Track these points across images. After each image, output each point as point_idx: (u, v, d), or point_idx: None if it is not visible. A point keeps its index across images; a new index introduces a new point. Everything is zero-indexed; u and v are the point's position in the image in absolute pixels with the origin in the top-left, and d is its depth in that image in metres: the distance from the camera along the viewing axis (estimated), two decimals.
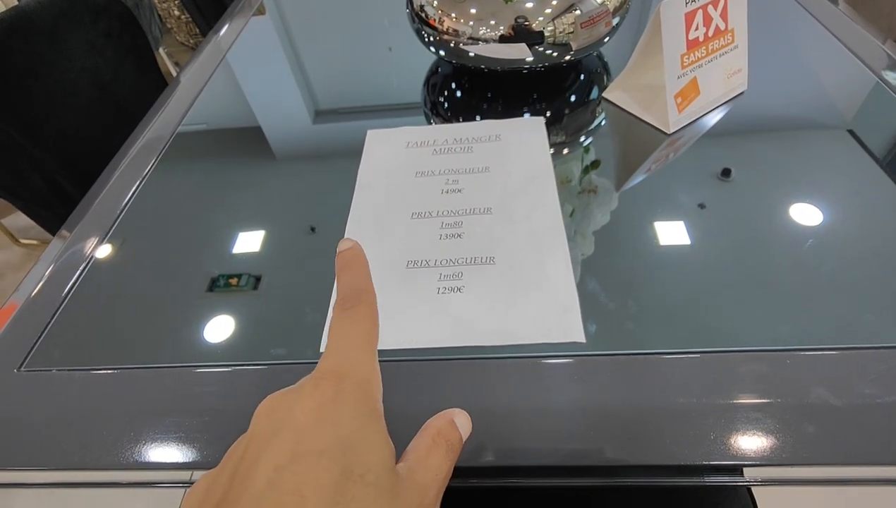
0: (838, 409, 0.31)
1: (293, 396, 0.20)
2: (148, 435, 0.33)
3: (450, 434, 0.21)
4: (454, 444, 0.21)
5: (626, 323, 0.36)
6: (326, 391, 0.19)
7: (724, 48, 0.49)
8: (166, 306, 0.41)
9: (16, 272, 1.48)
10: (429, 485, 0.19)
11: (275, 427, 0.19)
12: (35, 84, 0.73)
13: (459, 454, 0.22)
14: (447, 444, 0.21)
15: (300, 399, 0.19)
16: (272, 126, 0.61)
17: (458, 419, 0.23)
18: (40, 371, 0.37)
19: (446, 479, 0.20)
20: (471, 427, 0.23)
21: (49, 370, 0.37)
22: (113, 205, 0.50)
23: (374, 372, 0.21)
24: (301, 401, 0.19)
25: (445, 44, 0.55)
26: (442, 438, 0.21)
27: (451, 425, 0.22)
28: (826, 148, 0.49)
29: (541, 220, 0.42)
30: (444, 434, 0.21)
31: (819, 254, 0.39)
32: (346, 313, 0.22)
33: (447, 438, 0.21)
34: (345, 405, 0.19)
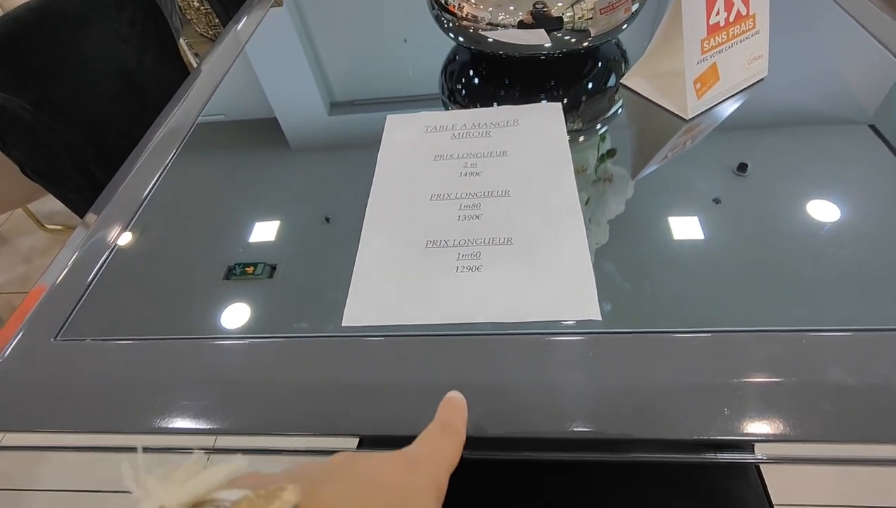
0: (854, 388, 0.31)
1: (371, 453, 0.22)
2: (174, 402, 0.35)
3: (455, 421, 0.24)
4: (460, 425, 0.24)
5: (642, 304, 0.36)
6: (403, 462, 0.22)
7: (744, 33, 0.49)
8: (188, 290, 0.42)
9: (42, 256, 1.52)
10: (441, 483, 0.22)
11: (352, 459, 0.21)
12: (65, 72, 0.75)
13: None
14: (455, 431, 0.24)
15: (378, 455, 0.22)
16: (288, 117, 0.62)
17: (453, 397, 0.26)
18: (75, 340, 0.39)
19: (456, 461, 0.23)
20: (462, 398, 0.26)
21: (83, 339, 0.39)
22: (136, 194, 0.51)
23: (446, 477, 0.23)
24: (379, 457, 0.21)
25: (464, 30, 0.55)
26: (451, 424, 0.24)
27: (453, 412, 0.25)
28: (845, 142, 0.48)
29: (557, 202, 0.43)
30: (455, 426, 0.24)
31: (836, 241, 0.39)
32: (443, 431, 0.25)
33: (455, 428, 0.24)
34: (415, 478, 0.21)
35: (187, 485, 0.15)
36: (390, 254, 0.41)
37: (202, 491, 0.15)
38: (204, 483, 0.15)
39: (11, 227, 1.62)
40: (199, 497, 0.15)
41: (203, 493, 0.15)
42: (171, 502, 0.15)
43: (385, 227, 0.43)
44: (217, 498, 0.15)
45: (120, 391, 0.36)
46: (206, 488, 0.15)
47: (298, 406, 0.34)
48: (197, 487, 0.15)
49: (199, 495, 0.15)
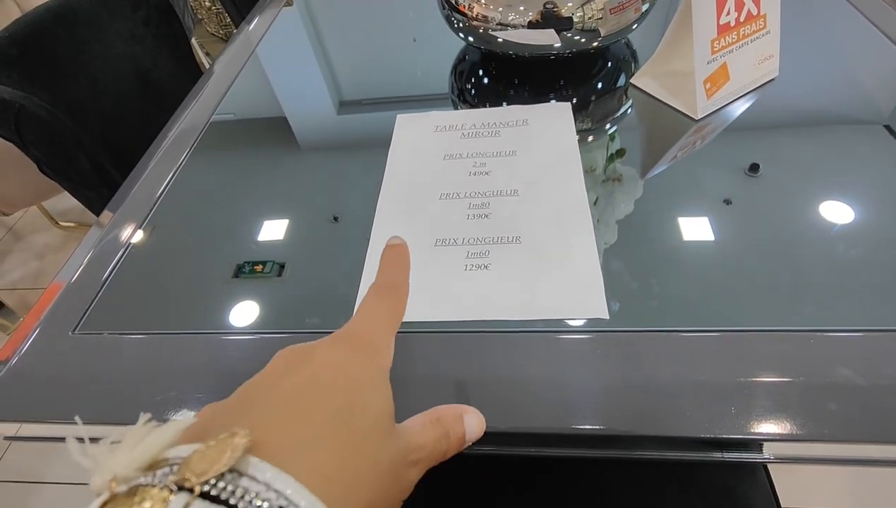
0: (862, 388, 0.31)
1: (311, 346, 0.21)
2: (189, 395, 0.36)
3: (453, 425, 0.22)
4: (454, 436, 0.22)
5: (650, 302, 0.37)
6: (343, 347, 0.21)
7: (755, 33, 0.49)
8: (200, 288, 0.43)
9: (55, 253, 1.55)
10: (414, 449, 0.20)
11: (292, 366, 0.20)
12: (81, 71, 0.76)
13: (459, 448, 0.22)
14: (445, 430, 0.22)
15: (318, 348, 0.21)
16: (298, 117, 0.63)
17: (469, 417, 0.23)
18: (93, 334, 0.40)
19: (434, 459, 0.21)
20: (482, 430, 0.23)
21: (100, 333, 0.40)
22: (150, 193, 0.52)
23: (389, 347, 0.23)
24: (319, 350, 0.21)
25: (474, 30, 0.56)
26: (442, 424, 0.22)
27: (457, 419, 0.23)
28: (858, 142, 0.47)
29: (566, 201, 0.43)
30: (445, 422, 0.22)
31: (847, 242, 0.39)
32: (378, 295, 0.25)
33: (448, 426, 0.22)
34: (357, 360, 0.21)
35: (137, 449, 0.15)
36: None
37: (153, 453, 0.15)
38: (154, 445, 0.15)
39: (26, 224, 1.65)
40: (150, 459, 0.15)
41: (155, 454, 0.15)
42: (122, 469, 0.14)
43: (395, 225, 0.44)
44: (169, 458, 0.15)
45: (136, 383, 0.37)
46: (157, 449, 0.15)
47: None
48: (147, 450, 0.15)
49: (150, 457, 0.15)
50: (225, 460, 0.14)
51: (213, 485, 0.14)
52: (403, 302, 0.25)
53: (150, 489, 0.14)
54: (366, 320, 0.23)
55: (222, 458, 0.14)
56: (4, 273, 1.52)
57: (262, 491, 0.14)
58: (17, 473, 1.09)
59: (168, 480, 0.14)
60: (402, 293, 0.25)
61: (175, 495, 0.14)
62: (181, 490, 0.14)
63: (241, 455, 0.15)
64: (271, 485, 0.14)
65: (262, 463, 0.15)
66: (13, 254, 1.57)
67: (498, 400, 0.33)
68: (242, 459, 0.15)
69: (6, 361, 0.39)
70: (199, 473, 0.14)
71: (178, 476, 0.14)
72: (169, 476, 0.14)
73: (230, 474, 0.14)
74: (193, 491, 0.14)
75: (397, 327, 0.24)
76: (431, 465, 0.21)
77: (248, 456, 0.15)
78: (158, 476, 0.14)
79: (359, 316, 0.24)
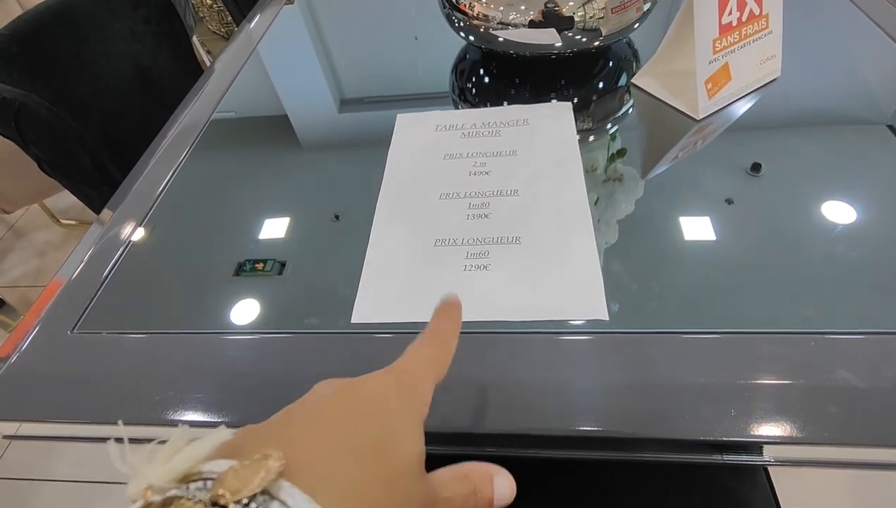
0: (863, 391, 0.31)
1: (355, 379, 0.21)
2: (187, 395, 0.36)
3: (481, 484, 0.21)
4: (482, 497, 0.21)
5: (650, 304, 0.36)
6: (389, 380, 0.21)
7: (757, 33, 0.49)
8: (200, 286, 0.43)
9: (56, 250, 1.55)
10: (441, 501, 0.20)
11: (335, 393, 0.20)
12: (81, 69, 0.76)
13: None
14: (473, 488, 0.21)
15: (361, 381, 0.21)
16: (299, 115, 0.62)
17: (499, 479, 0.22)
18: (91, 333, 0.40)
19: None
20: (512, 495, 0.22)
21: (99, 332, 0.40)
22: (150, 191, 0.52)
23: (429, 394, 0.23)
24: (361, 382, 0.21)
25: (475, 29, 0.55)
26: (471, 481, 0.21)
27: (487, 479, 0.22)
28: (860, 143, 0.47)
29: (566, 202, 0.43)
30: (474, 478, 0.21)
31: (848, 243, 0.39)
32: (427, 342, 0.25)
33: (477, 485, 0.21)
34: (400, 396, 0.21)
35: (173, 461, 0.15)
36: (399, 252, 0.41)
37: (188, 465, 0.15)
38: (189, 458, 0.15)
39: (27, 222, 1.65)
40: (185, 471, 0.15)
41: (189, 467, 0.15)
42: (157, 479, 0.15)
43: (394, 226, 0.44)
44: (203, 471, 0.15)
45: (134, 383, 0.37)
46: (191, 462, 0.15)
47: None
48: (183, 462, 0.15)
49: (185, 469, 0.15)
50: (258, 481, 0.14)
51: (245, 505, 0.14)
52: (449, 354, 0.25)
53: (185, 501, 0.14)
54: (412, 361, 0.23)
55: (255, 479, 0.14)
56: (5, 270, 1.52)
57: None
58: (18, 471, 1.09)
59: (202, 495, 0.14)
60: (450, 345, 0.25)
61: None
62: (214, 507, 0.14)
63: (275, 478, 0.15)
64: None
65: (293, 489, 0.15)
66: (14, 251, 1.57)
67: (497, 402, 0.33)
68: (275, 482, 0.15)
69: (6, 359, 0.39)
70: (233, 491, 0.14)
71: (213, 493, 0.14)
72: (202, 492, 0.14)
73: (262, 496, 0.14)
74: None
75: (440, 377, 0.24)
76: None
77: (281, 480, 0.15)
78: (192, 489, 0.15)
79: (406, 357, 0.24)
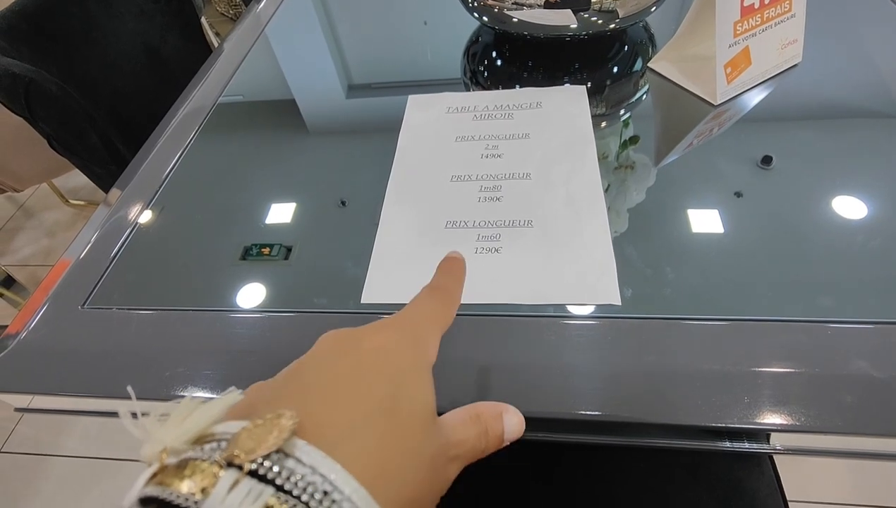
0: (878, 381, 0.30)
1: (358, 330, 0.21)
2: (196, 371, 0.36)
3: (492, 422, 0.22)
4: (493, 434, 0.22)
5: (662, 290, 0.36)
6: (390, 333, 0.21)
7: (780, 16, 0.48)
8: (207, 269, 0.43)
9: (65, 230, 1.56)
10: (454, 445, 0.20)
11: (339, 349, 0.20)
12: (91, 47, 0.76)
13: (498, 447, 0.22)
14: (485, 428, 0.21)
15: (365, 332, 0.21)
16: (306, 100, 0.62)
17: (509, 416, 0.22)
18: (102, 309, 0.40)
19: (473, 456, 0.21)
20: (521, 430, 0.23)
21: (110, 308, 0.40)
22: (157, 173, 0.52)
23: (434, 343, 0.23)
24: (365, 334, 0.21)
25: (489, 9, 0.54)
26: (482, 421, 0.21)
27: (497, 417, 0.22)
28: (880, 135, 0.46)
29: (579, 186, 0.42)
30: (485, 418, 0.22)
31: (865, 234, 0.38)
32: (430, 295, 0.24)
33: (487, 424, 0.22)
34: (403, 348, 0.21)
35: (186, 423, 0.15)
36: (410, 233, 0.41)
37: (202, 427, 0.15)
38: (202, 419, 0.15)
39: (36, 202, 1.66)
40: (199, 433, 0.15)
41: (203, 428, 0.15)
42: (172, 441, 0.15)
43: (405, 207, 0.43)
44: (217, 433, 0.15)
45: (144, 358, 0.37)
46: (205, 423, 0.15)
47: None
48: (196, 423, 0.15)
49: (198, 431, 0.15)
50: (272, 440, 0.14)
51: (260, 464, 0.14)
52: (453, 307, 0.25)
53: (201, 463, 0.14)
54: (414, 313, 0.23)
55: (269, 438, 0.14)
56: (16, 249, 1.53)
57: (308, 474, 0.14)
58: (28, 446, 1.11)
59: (217, 456, 0.14)
60: (453, 298, 0.25)
61: (225, 470, 0.14)
62: (230, 467, 0.14)
63: (288, 437, 0.15)
64: (317, 469, 0.14)
65: (307, 447, 0.15)
66: (24, 230, 1.58)
67: (507, 385, 0.33)
68: (289, 441, 0.15)
69: (16, 335, 0.40)
70: (248, 451, 0.14)
71: (228, 453, 0.14)
72: (217, 452, 0.14)
73: (276, 454, 0.14)
74: (242, 468, 0.14)
75: (445, 328, 0.24)
76: (470, 462, 0.21)
77: (295, 439, 0.15)
78: (207, 450, 0.15)
79: (408, 309, 0.23)
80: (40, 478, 1.07)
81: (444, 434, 0.20)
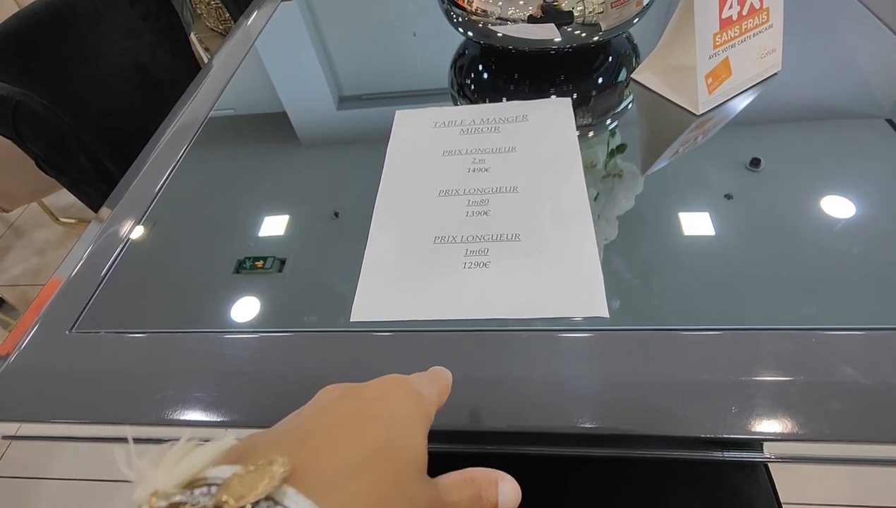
0: (865, 387, 0.31)
1: (361, 384, 0.21)
2: (187, 395, 0.35)
3: (487, 488, 0.21)
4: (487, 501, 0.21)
5: (650, 300, 0.36)
6: (391, 386, 0.21)
7: (758, 27, 0.49)
8: (199, 284, 0.43)
9: (56, 249, 1.55)
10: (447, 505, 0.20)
11: (339, 399, 0.20)
12: (79, 66, 0.76)
13: None
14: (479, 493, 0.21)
15: (367, 385, 0.21)
16: (297, 112, 0.62)
17: (504, 483, 0.22)
18: (90, 332, 0.40)
19: None
20: (517, 500, 0.22)
21: (98, 332, 0.40)
22: (149, 189, 0.52)
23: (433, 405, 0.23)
24: (368, 386, 0.21)
25: (474, 24, 0.55)
26: (476, 486, 0.21)
27: (492, 483, 0.22)
28: (861, 136, 0.47)
29: (566, 199, 0.43)
30: (480, 483, 0.21)
31: (849, 238, 0.38)
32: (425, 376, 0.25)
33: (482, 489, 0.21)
34: (404, 400, 0.21)
35: (179, 467, 0.15)
36: (398, 249, 0.41)
37: (194, 471, 0.15)
38: (195, 463, 0.15)
39: (26, 220, 1.65)
40: (190, 476, 0.15)
41: (195, 473, 0.15)
42: (163, 485, 0.15)
43: (393, 223, 0.43)
44: (208, 477, 0.15)
45: (133, 383, 0.37)
46: (197, 467, 0.15)
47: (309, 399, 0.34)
48: (188, 467, 0.15)
49: (190, 475, 0.15)
50: (262, 487, 0.14)
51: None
52: (447, 391, 0.25)
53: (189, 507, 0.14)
54: (415, 378, 0.23)
55: (259, 485, 0.14)
56: (5, 269, 1.52)
57: None
58: (19, 469, 1.10)
59: (207, 501, 0.14)
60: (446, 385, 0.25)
61: None
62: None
63: (279, 484, 0.15)
64: None
65: (297, 495, 0.15)
66: (14, 250, 1.57)
67: (498, 400, 0.33)
68: (279, 488, 0.15)
69: (6, 357, 0.39)
70: (237, 497, 0.14)
71: (217, 499, 0.14)
72: (207, 497, 0.14)
73: (266, 501, 0.14)
74: None
75: (442, 402, 0.24)
76: None
77: (285, 486, 0.15)
78: (196, 495, 0.15)
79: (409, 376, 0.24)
80: (32, 503, 1.05)
81: (437, 491, 0.20)
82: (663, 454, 0.34)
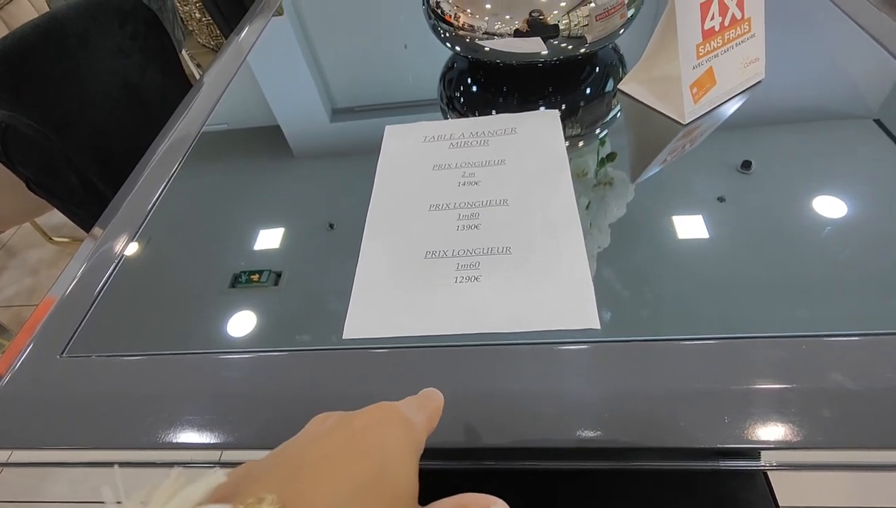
0: (857, 393, 0.31)
1: (351, 413, 0.21)
2: (180, 417, 0.35)
3: None
4: None
5: (642, 311, 0.36)
6: (381, 415, 0.21)
7: (740, 37, 0.49)
8: (194, 300, 0.43)
9: (49, 268, 1.54)
10: None
11: (329, 429, 0.20)
12: (68, 87, 0.76)
13: None
14: None
15: (357, 415, 0.21)
16: (291, 125, 0.62)
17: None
18: (81, 357, 0.39)
19: None
20: None
21: (89, 356, 0.39)
22: (142, 205, 0.52)
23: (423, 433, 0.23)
24: (358, 416, 0.21)
25: (461, 39, 0.56)
26: None
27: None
28: (845, 141, 0.48)
29: (556, 211, 0.43)
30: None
31: (837, 242, 0.39)
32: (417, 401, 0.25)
33: None
34: (394, 431, 0.21)
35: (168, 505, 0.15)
36: (390, 265, 0.41)
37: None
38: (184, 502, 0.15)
39: (19, 240, 1.64)
40: None
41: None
42: None
43: (384, 238, 0.43)
44: None
45: (125, 407, 0.36)
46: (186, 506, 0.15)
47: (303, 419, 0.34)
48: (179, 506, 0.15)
49: None
50: None
51: None
52: (437, 415, 0.25)
53: None
54: (403, 404, 0.24)
55: None
56: None
57: None
58: (13, 493, 1.08)
59: None
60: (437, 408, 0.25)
61: None
62: None
63: None
64: None
65: None
66: (7, 270, 1.56)
67: (492, 414, 0.33)
68: None
69: None
70: None
71: None
72: None
73: None
74: None
75: (432, 428, 0.24)
76: None
77: None
78: None
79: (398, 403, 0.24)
80: None
81: None
82: (659, 465, 0.34)
